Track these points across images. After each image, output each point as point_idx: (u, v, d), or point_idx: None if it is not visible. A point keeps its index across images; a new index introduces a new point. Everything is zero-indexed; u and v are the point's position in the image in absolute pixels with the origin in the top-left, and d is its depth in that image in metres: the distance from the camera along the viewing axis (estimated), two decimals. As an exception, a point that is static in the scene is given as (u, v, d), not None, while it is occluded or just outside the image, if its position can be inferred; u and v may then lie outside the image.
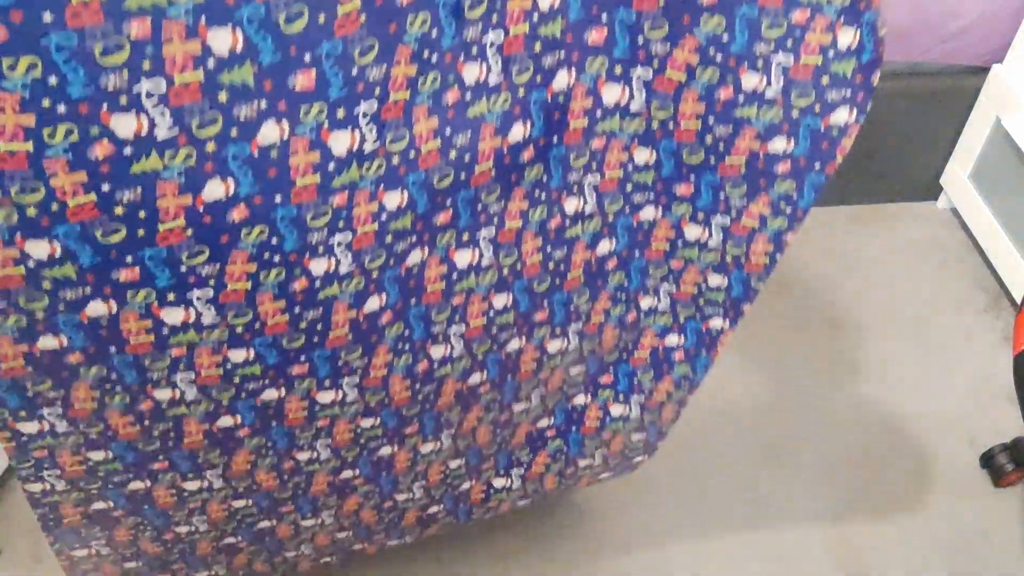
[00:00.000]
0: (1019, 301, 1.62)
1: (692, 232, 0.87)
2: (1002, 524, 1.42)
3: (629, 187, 0.82)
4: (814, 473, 1.49)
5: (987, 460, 1.47)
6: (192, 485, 0.89)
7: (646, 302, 0.95)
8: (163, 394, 0.76)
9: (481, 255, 0.80)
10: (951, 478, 1.48)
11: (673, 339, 1.00)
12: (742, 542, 1.40)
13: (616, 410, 1.08)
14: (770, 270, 0.90)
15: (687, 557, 1.38)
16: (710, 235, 0.87)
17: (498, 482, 1.15)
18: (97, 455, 0.82)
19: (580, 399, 1.06)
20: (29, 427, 0.76)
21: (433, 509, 1.13)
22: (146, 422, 0.79)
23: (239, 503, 0.94)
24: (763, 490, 1.47)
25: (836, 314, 1.74)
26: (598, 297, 0.91)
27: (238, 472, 0.89)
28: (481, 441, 1.05)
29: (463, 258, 0.79)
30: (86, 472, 0.83)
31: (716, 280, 0.93)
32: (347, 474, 0.97)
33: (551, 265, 0.85)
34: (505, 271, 0.82)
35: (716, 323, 0.98)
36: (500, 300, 0.85)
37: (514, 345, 0.90)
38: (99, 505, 0.88)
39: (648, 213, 0.86)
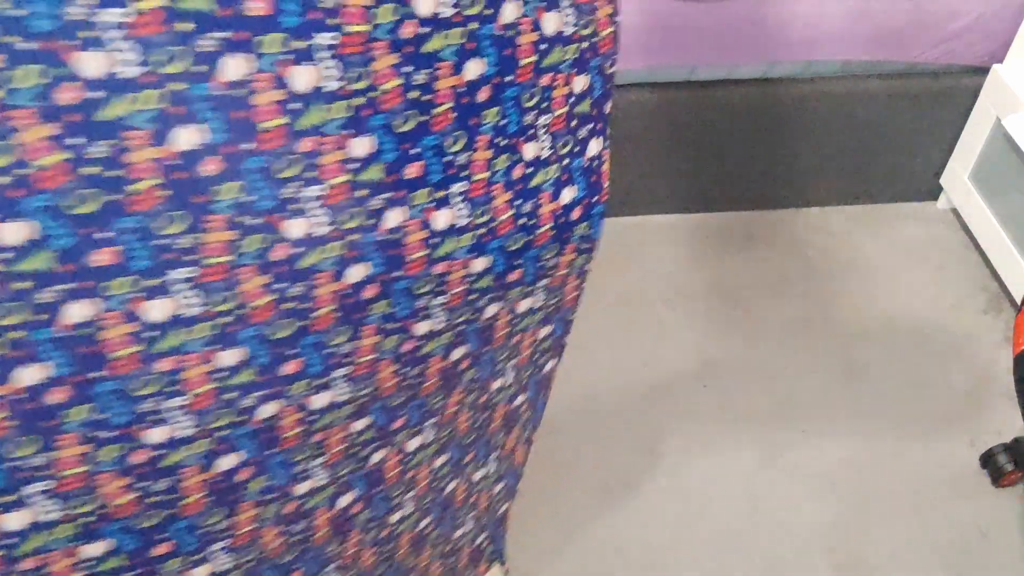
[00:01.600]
0: (1019, 301, 1.62)
1: (524, 304, 0.92)
2: (1002, 524, 1.42)
3: (473, 296, 0.84)
4: (814, 474, 1.49)
5: (987, 460, 1.47)
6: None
7: (496, 383, 0.99)
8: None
9: (341, 395, 0.79)
10: (951, 478, 1.48)
11: (520, 399, 1.05)
12: (742, 543, 1.41)
13: (478, 474, 1.11)
14: (581, 298, 0.98)
15: (686, 559, 1.39)
16: (537, 299, 0.92)
17: None
18: None
19: (451, 485, 1.07)
20: None
21: None
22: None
23: None
24: (762, 491, 1.47)
25: (836, 314, 1.74)
26: (452, 394, 0.93)
27: (244, 537, 0.84)
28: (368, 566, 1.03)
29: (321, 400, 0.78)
30: None
31: (545, 331, 0.99)
32: None
33: (407, 383, 0.86)
34: (365, 399, 0.82)
35: (549, 366, 1.05)
36: (361, 423, 0.85)
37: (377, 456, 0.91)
38: None
39: (491, 310, 0.88)
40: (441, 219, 0.75)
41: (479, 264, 0.81)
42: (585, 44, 0.77)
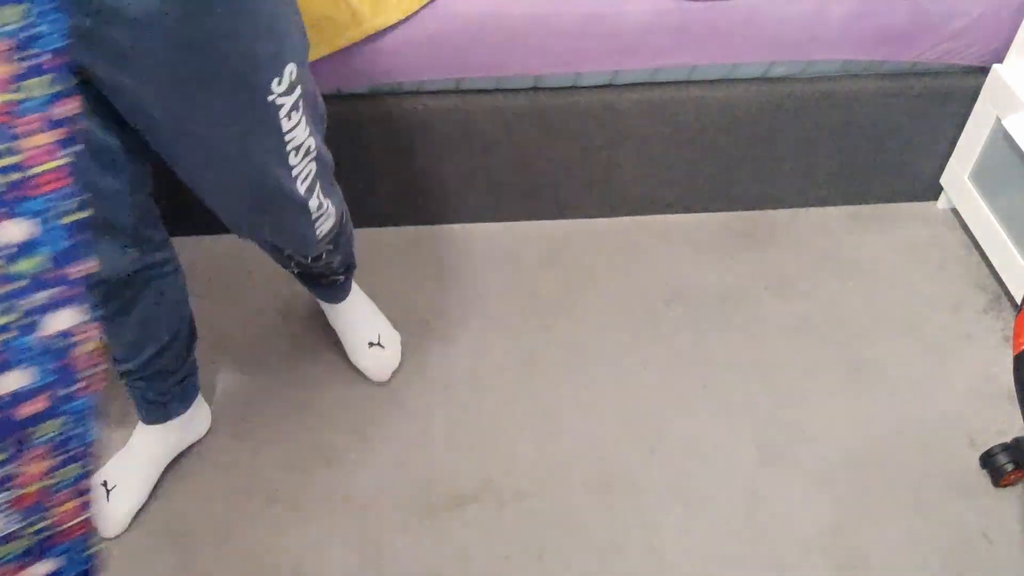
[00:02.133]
0: (1019, 301, 1.62)
1: None
2: (1002, 524, 1.42)
3: None
4: (814, 474, 1.49)
5: (987, 460, 1.47)
6: None
7: None
8: None
9: None
10: (951, 478, 1.48)
11: None
12: (741, 543, 1.41)
13: None
14: (93, 523, 0.74)
15: (686, 559, 1.39)
16: None
17: None
18: None
19: None
20: None
21: None
22: None
23: None
24: (762, 491, 1.47)
25: (836, 314, 1.74)
26: None
27: None
28: None
29: None
30: None
31: (44, 568, 0.75)
32: None
33: None
34: None
35: None
36: None
37: None
38: None
39: None
40: None
41: None
42: (10, 178, 0.59)
